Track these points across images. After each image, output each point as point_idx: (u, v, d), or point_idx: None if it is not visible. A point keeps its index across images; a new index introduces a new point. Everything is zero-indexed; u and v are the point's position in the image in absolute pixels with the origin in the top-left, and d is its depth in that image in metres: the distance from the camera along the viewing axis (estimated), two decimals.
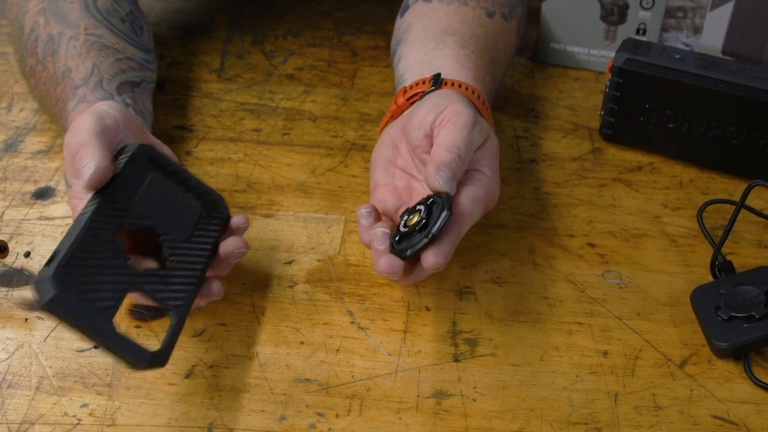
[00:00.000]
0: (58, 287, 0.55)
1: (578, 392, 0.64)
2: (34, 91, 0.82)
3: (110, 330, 0.57)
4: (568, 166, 0.84)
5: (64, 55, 0.77)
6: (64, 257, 0.57)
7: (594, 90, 0.94)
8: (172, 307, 0.63)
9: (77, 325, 0.56)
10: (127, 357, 0.58)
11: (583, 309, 0.70)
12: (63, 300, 0.55)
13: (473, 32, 0.81)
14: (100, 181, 0.62)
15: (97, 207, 0.61)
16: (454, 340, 0.67)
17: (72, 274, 0.57)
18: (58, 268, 0.56)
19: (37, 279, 0.56)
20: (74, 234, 0.59)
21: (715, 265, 0.71)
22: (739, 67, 0.79)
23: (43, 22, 0.79)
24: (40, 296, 0.55)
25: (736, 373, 0.65)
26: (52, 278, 0.55)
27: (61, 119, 0.76)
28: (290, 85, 0.94)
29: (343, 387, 0.64)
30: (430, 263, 0.62)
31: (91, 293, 0.58)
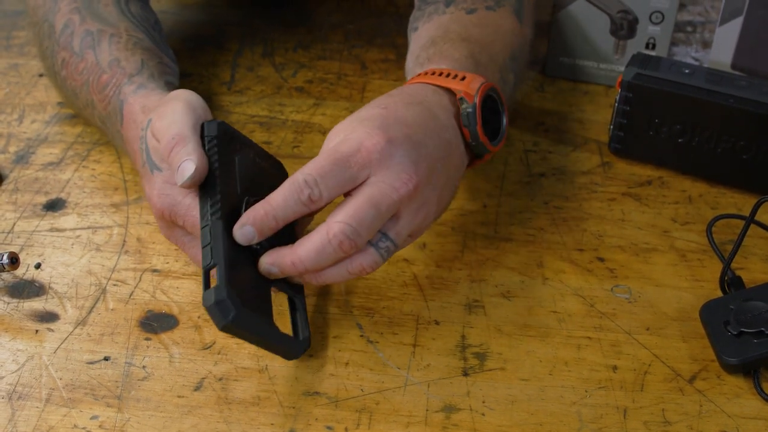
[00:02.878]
0: (235, 305, 0.57)
1: (587, 407, 0.64)
2: (66, 81, 0.82)
3: (278, 332, 0.61)
4: (577, 180, 0.84)
5: (109, 48, 0.78)
6: (225, 273, 0.58)
7: (603, 104, 0.94)
8: (296, 293, 0.66)
9: (251, 336, 0.60)
10: (288, 351, 0.63)
11: (593, 323, 0.70)
12: (240, 318, 0.57)
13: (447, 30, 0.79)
14: (199, 181, 0.63)
15: (221, 210, 0.61)
16: (463, 354, 0.67)
17: (236, 288, 0.59)
18: (227, 288, 0.58)
19: (212, 301, 0.57)
20: (219, 245, 0.60)
21: (725, 280, 0.71)
22: (748, 82, 0.80)
23: (78, 19, 0.81)
24: (220, 318, 0.57)
25: (746, 389, 0.65)
26: (229, 298, 0.57)
27: (111, 102, 0.76)
28: (300, 98, 0.95)
29: (352, 400, 0.64)
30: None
31: (253, 302, 0.60)
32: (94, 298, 0.72)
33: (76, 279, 0.73)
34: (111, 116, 0.76)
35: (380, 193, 0.61)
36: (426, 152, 0.64)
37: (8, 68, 0.99)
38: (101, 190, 0.82)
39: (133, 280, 0.73)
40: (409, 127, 0.65)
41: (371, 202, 0.61)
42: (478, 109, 0.69)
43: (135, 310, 0.71)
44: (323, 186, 0.61)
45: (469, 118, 0.69)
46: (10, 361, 0.67)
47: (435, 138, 0.66)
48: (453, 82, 0.70)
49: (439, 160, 0.65)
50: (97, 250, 0.76)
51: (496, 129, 0.73)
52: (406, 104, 0.67)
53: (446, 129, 0.68)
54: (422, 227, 0.66)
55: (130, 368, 0.66)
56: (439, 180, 0.66)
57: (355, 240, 0.61)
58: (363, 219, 0.60)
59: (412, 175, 0.62)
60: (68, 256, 0.75)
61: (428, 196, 0.65)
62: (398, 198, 0.62)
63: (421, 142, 0.64)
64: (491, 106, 0.73)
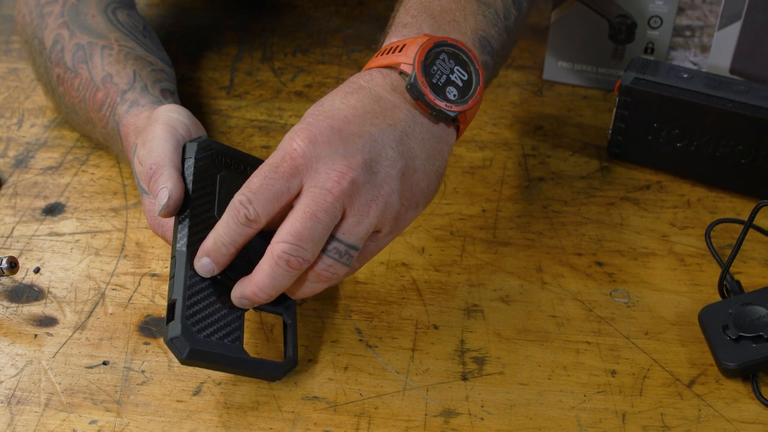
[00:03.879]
0: (190, 341, 0.58)
1: (586, 411, 0.64)
2: (63, 98, 0.82)
3: (246, 359, 0.61)
4: (576, 184, 0.84)
5: (101, 62, 0.78)
6: (184, 307, 0.59)
7: (602, 108, 0.94)
8: (285, 309, 0.65)
9: (217, 366, 0.60)
10: (265, 375, 0.62)
11: (591, 328, 0.70)
12: (198, 352, 0.58)
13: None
14: (175, 208, 0.63)
15: (188, 238, 0.62)
16: (462, 359, 0.67)
17: (196, 321, 0.59)
18: (183, 322, 0.58)
19: (167, 338, 0.58)
20: (180, 277, 0.60)
21: (723, 284, 0.71)
22: (747, 87, 0.80)
23: (67, 34, 0.80)
24: (177, 353, 0.58)
25: (745, 393, 0.65)
26: (182, 335, 0.58)
27: (108, 122, 0.76)
28: (299, 102, 0.95)
29: (351, 405, 0.64)
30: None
31: (218, 332, 0.60)
32: (93, 302, 0.72)
33: (75, 283, 0.73)
34: (112, 135, 0.77)
35: (314, 200, 0.58)
36: (362, 142, 0.60)
37: (8, 72, 0.99)
38: (100, 195, 0.82)
39: (132, 284, 0.73)
40: (341, 119, 0.60)
41: (306, 213, 0.58)
42: (419, 77, 0.62)
43: (134, 314, 0.71)
44: (256, 203, 0.59)
45: (414, 90, 0.62)
46: (9, 365, 0.67)
47: (379, 123, 0.61)
48: (392, 57, 0.64)
49: (389, 145, 0.61)
50: (96, 255, 0.76)
51: (468, 82, 0.65)
52: (345, 94, 0.63)
53: (396, 108, 0.63)
54: (387, 219, 0.61)
55: (129, 373, 0.66)
56: (395, 165, 0.61)
57: (300, 255, 0.58)
58: (301, 232, 0.58)
59: (343, 171, 0.59)
60: (67, 260, 0.75)
61: (380, 186, 0.60)
62: (333, 199, 0.58)
63: (355, 133, 0.60)
64: (457, 58, 0.65)
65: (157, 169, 0.64)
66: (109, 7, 0.83)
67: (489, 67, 0.71)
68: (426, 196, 0.64)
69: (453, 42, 0.64)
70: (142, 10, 1.09)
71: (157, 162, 0.65)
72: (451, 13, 0.68)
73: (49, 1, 0.83)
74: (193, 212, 0.63)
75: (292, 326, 0.65)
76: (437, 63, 0.64)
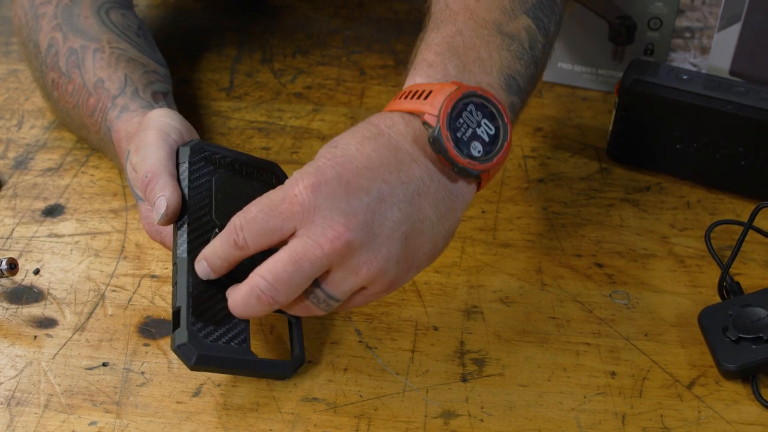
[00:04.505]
0: (197, 347, 0.58)
1: (586, 413, 0.64)
2: (58, 103, 0.82)
3: (254, 360, 0.61)
4: (575, 185, 0.84)
5: (93, 67, 0.78)
6: (189, 314, 0.59)
7: (602, 110, 0.94)
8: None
9: (226, 370, 0.61)
10: (274, 374, 0.63)
11: (591, 329, 0.70)
12: (206, 357, 0.58)
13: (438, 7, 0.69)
14: (174, 216, 0.63)
15: (188, 244, 0.62)
16: (462, 360, 0.67)
17: (202, 327, 0.59)
18: (189, 329, 0.58)
19: (174, 345, 0.58)
20: (183, 284, 0.60)
21: (723, 286, 0.71)
22: (747, 89, 0.80)
23: (61, 37, 0.80)
24: (185, 360, 0.58)
25: (744, 395, 0.65)
26: (189, 341, 0.58)
27: (100, 129, 0.76)
28: (299, 104, 0.95)
29: (350, 406, 0.64)
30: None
31: (224, 336, 0.60)
32: (92, 303, 0.72)
33: (74, 285, 0.73)
34: (105, 141, 0.77)
35: (302, 249, 0.56)
36: (368, 200, 0.56)
37: (7, 74, 0.99)
38: (100, 196, 0.82)
39: (132, 285, 0.73)
40: (351, 170, 0.57)
41: (291, 259, 0.56)
42: (443, 131, 0.58)
43: (134, 315, 0.71)
44: (247, 233, 0.58)
45: (437, 144, 0.58)
46: (9, 367, 0.67)
47: (391, 179, 0.58)
48: (416, 104, 0.60)
49: (397, 205, 0.57)
50: (96, 256, 0.76)
51: (494, 137, 0.61)
52: (362, 139, 0.59)
53: (414, 163, 0.59)
54: (379, 281, 0.58)
55: (129, 374, 0.66)
56: (399, 228, 0.57)
57: (272, 296, 0.57)
58: (279, 275, 0.56)
59: (340, 229, 0.56)
60: (67, 261, 0.75)
61: (377, 250, 0.57)
62: (322, 254, 0.56)
63: (363, 188, 0.57)
64: (484, 110, 0.61)
65: (153, 177, 0.64)
66: (102, 7, 0.83)
67: (516, 108, 0.66)
68: (429, 258, 0.61)
69: (482, 93, 0.60)
70: (142, 12, 1.09)
71: (152, 170, 0.64)
72: (475, 51, 0.64)
73: (42, 2, 0.83)
74: (191, 217, 0.63)
75: (297, 324, 0.65)
76: (464, 115, 0.59)
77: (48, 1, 0.82)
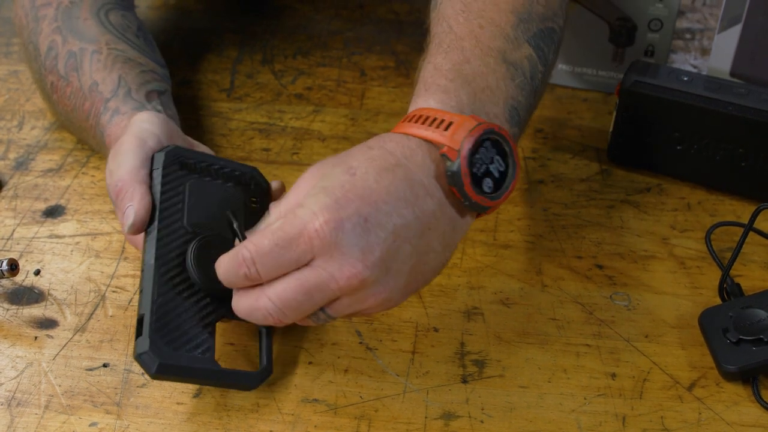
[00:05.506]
0: (158, 356, 0.58)
1: (586, 414, 0.64)
2: (57, 106, 0.82)
3: (218, 370, 0.61)
4: (576, 187, 0.84)
5: (89, 70, 0.78)
6: (152, 322, 0.58)
7: (602, 111, 0.94)
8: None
9: (188, 379, 0.60)
10: (238, 385, 0.62)
11: (591, 331, 0.70)
12: (167, 366, 0.58)
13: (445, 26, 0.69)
14: (142, 225, 0.63)
15: (157, 251, 0.62)
16: (462, 361, 0.67)
17: (165, 335, 0.59)
18: (151, 337, 0.58)
19: (136, 353, 0.58)
20: (148, 291, 0.60)
21: (724, 287, 0.71)
22: (747, 90, 0.80)
23: (60, 40, 0.80)
24: (146, 369, 0.58)
25: (745, 397, 0.65)
26: (150, 350, 0.57)
27: (96, 133, 0.77)
28: (299, 105, 0.95)
29: (351, 407, 0.64)
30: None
31: (188, 344, 0.60)
32: (93, 304, 0.72)
33: (75, 285, 0.73)
34: (101, 145, 0.77)
35: (317, 280, 0.56)
36: (385, 236, 0.57)
37: (8, 75, 0.99)
38: (100, 197, 0.82)
39: (132, 286, 0.73)
40: (371, 205, 0.57)
41: (304, 288, 0.56)
42: (463, 167, 0.58)
43: (134, 316, 0.71)
44: (260, 266, 0.57)
45: (454, 178, 0.59)
46: (9, 367, 0.67)
47: (406, 214, 0.58)
48: (436, 134, 0.60)
49: (409, 240, 0.58)
50: (97, 257, 0.76)
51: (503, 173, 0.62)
52: (380, 170, 0.58)
53: (428, 198, 0.59)
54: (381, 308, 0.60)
55: (129, 375, 0.66)
56: (408, 262, 0.58)
57: (279, 317, 0.58)
58: (289, 302, 0.57)
59: (358, 267, 0.56)
60: (67, 262, 0.75)
61: (386, 284, 0.58)
62: (337, 288, 0.56)
63: (381, 224, 0.57)
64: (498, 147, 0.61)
65: (123, 186, 0.64)
66: (102, 9, 0.83)
67: (516, 138, 0.67)
68: (426, 283, 0.62)
69: (499, 130, 0.60)
70: (144, 13, 1.09)
71: (124, 178, 0.65)
72: (484, 79, 0.64)
73: (43, 4, 0.83)
74: (162, 224, 0.63)
75: (268, 335, 0.65)
76: (480, 151, 0.60)
77: (48, 3, 0.82)
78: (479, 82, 0.64)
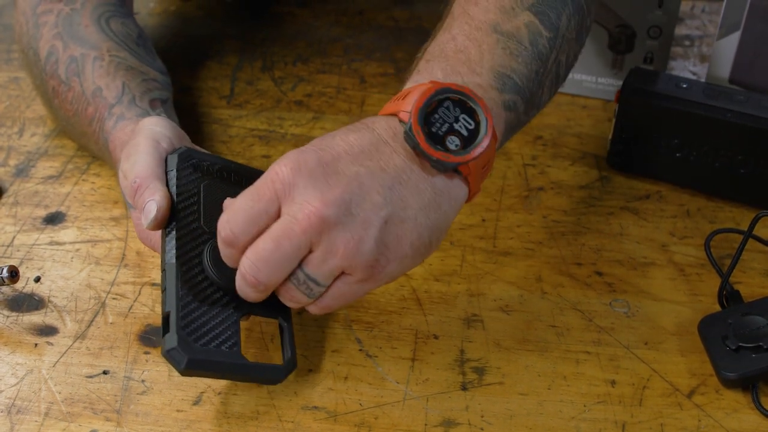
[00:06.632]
0: (187, 351, 0.58)
1: (586, 422, 0.64)
2: (58, 112, 0.83)
3: (246, 364, 0.61)
4: (575, 194, 0.84)
5: (92, 75, 0.78)
6: (178, 318, 0.59)
7: (602, 118, 0.95)
8: (279, 313, 0.65)
9: (217, 374, 0.60)
10: (265, 379, 0.63)
11: (591, 338, 0.70)
12: (196, 361, 0.58)
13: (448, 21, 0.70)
14: (164, 220, 0.63)
15: (177, 250, 0.62)
16: (462, 369, 0.67)
17: (191, 331, 0.59)
18: (179, 333, 0.58)
19: (164, 350, 0.58)
20: (172, 289, 0.60)
21: (723, 294, 0.71)
22: (746, 97, 0.80)
23: (61, 45, 0.80)
24: (175, 365, 0.58)
25: (744, 404, 0.65)
26: (179, 345, 0.58)
27: (98, 139, 0.77)
28: (299, 112, 0.95)
29: (351, 415, 0.64)
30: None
31: (214, 340, 0.60)
32: (93, 311, 0.72)
33: (75, 292, 0.73)
34: (103, 150, 0.77)
35: (282, 226, 0.57)
36: (346, 181, 0.58)
37: (9, 81, 0.99)
38: (101, 204, 0.82)
39: (133, 293, 0.73)
40: (332, 154, 0.59)
41: (272, 237, 0.57)
42: (414, 125, 0.59)
43: (134, 323, 0.71)
44: (233, 223, 0.58)
45: (409, 136, 0.59)
46: (9, 374, 0.67)
47: (371, 165, 0.59)
48: (395, 105, 0.62)
49: (376, 189, 0.58)
50: (97, 264, 0.76)
51: (473, 131, 0.61)
52: (347, 131, 0.61)
53: (394, 154, 0.60)
54: (359, 264, 0.58)
55: (129, 382, 0.66)
56: (378, 211, 0.58)
57: (254, 275, 0.58)
58: (261, 254, 0.58)
59: (316, 204, 0.57)
60: (68, 269, 0.75)
61: (354, 230, 0.57)
62: (300, 230, 0.57)
63: (341, 171, 0.58)
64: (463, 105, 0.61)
65: (142, 182, 0.65)
66: (102, 16, 0.83)
67: (516, 107, 0.66)
68: (416, 249, 0.60)
69: (458, 88, 0.61)
70: (144, 20, 1.10)
71: (141, 175, 0.65)
72: (466, 53, 0.65)
73: (44, 11, 0.83)
74: (180, 224, 0.64)
75: (289, 329, 0.65)
76: (440, 111, 0.60)
77: (49, 10, 0.83)
78: (459, 57, 0.65)
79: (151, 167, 0.65)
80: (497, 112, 0.64)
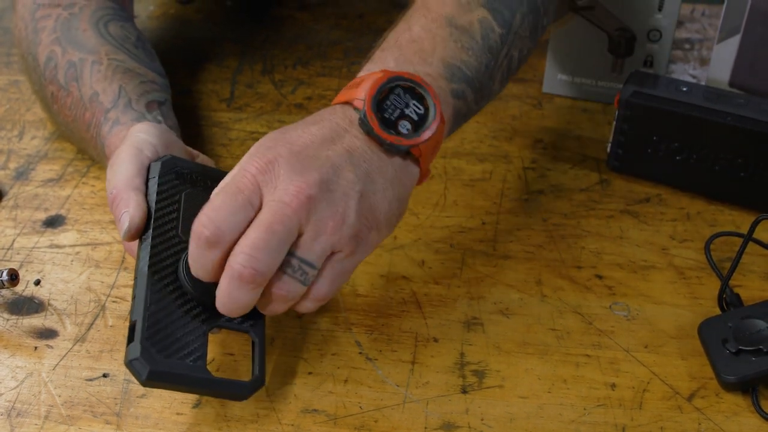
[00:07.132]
0: (150, 362, 0.57)
1: (586, 425, 0.64)
2: (58, 117, 0.83)
3: (209, 378, 0.60)
4: (575, 197, 0.84)
5: (90, 80, 0.78)
6: (143, 329, 0.58)
7: (601, 121, 0.95)
8: (251, 327, 0.64)
9: (180, 388, 0.60)
10: (230, 394, 0.61)
11: (591, 341, 0.70)
12: (158, 373, 0.58)
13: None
14: (137, 232, 0.64)
15: (151, 258, 0.62)
16: (462, 372, 0.67)
17: (156, 342, 0.59)
18: (143, 344, 0.58)
19: (127, 359, 0.58)
20: (141, 298, 0.60)
21: (723, 298, 0.71)
22: (746, 100, 0.80)
23: (60, 50, 0.80)
24: (137, 375, 0.57)
25: (744, 407, 0.65)
26: (142, 356, 0.57)
27: (96, 144, 0.77)
28: (299, 115, 0.95)
29: (350, 418, 0.64)
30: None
31: (179, 351, 0.59)
32: (93, 314, 0.72)
33: (75, 295, 0.73)
34: (101, 155, 0.77)
35: (271, 212, 0.58)
36: (320, 163, 0.61)
37: (9, 84, 0.99)
38: (101, 207, 0.82)
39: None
40: (300, 145, 0.61)
41: (263, 224, 0.58)
42: (368, 111, 0.62)
43: None
44: (218, 220, 0.58)
45: (363, 124, 0.63)
46: (9, 377, 0.67)
47: (336, 148, 0.62)
48: (348, 93, 0.65)
49: (347, 168, 0.61)
50: (97, 267, 0.76)
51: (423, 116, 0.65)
52: (305, 124, 0.64)
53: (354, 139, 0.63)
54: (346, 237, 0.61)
55: (129, 385, 0.66)
56: (353, 186, 0.61)
57: (253, 266, 0.58)
58: (255, 243, 0.58)
59: (301, 187, 0.59)
60: (68, 272, 0.75)
61: (337, 204, 0.60)
62: (291, 212, 0.58)
63: (313, 156, 0.61)
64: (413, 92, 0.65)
65: (117, 193, 0.65)
66: (101, 20, 0.83)
67: (465, 95, 0.70)
68: (388, 219, 0.64)
69: (408, 76, 0.64)
70: (143, 23, 1.10)
71: (118, 186, 0.65)
72: (419, 43, 0.69)
73: (42, 16, 0.83)
74: (156, 232, 0.64)
75: (260, 344, 0.64)
76: (391, 98, 0.64)
77: (48, 15, 0.83)
78: (412, 47, 0.69)
79: (128, 177, 0.66)
80: (446, 99, 0.68)
